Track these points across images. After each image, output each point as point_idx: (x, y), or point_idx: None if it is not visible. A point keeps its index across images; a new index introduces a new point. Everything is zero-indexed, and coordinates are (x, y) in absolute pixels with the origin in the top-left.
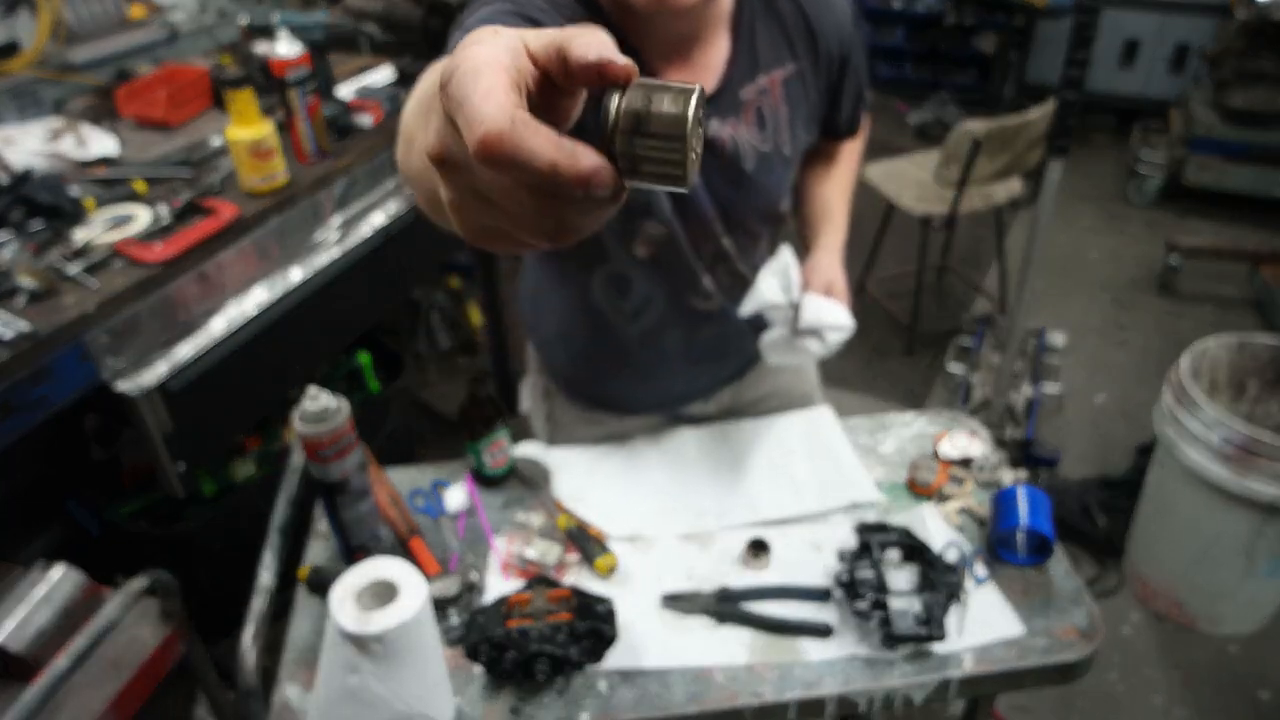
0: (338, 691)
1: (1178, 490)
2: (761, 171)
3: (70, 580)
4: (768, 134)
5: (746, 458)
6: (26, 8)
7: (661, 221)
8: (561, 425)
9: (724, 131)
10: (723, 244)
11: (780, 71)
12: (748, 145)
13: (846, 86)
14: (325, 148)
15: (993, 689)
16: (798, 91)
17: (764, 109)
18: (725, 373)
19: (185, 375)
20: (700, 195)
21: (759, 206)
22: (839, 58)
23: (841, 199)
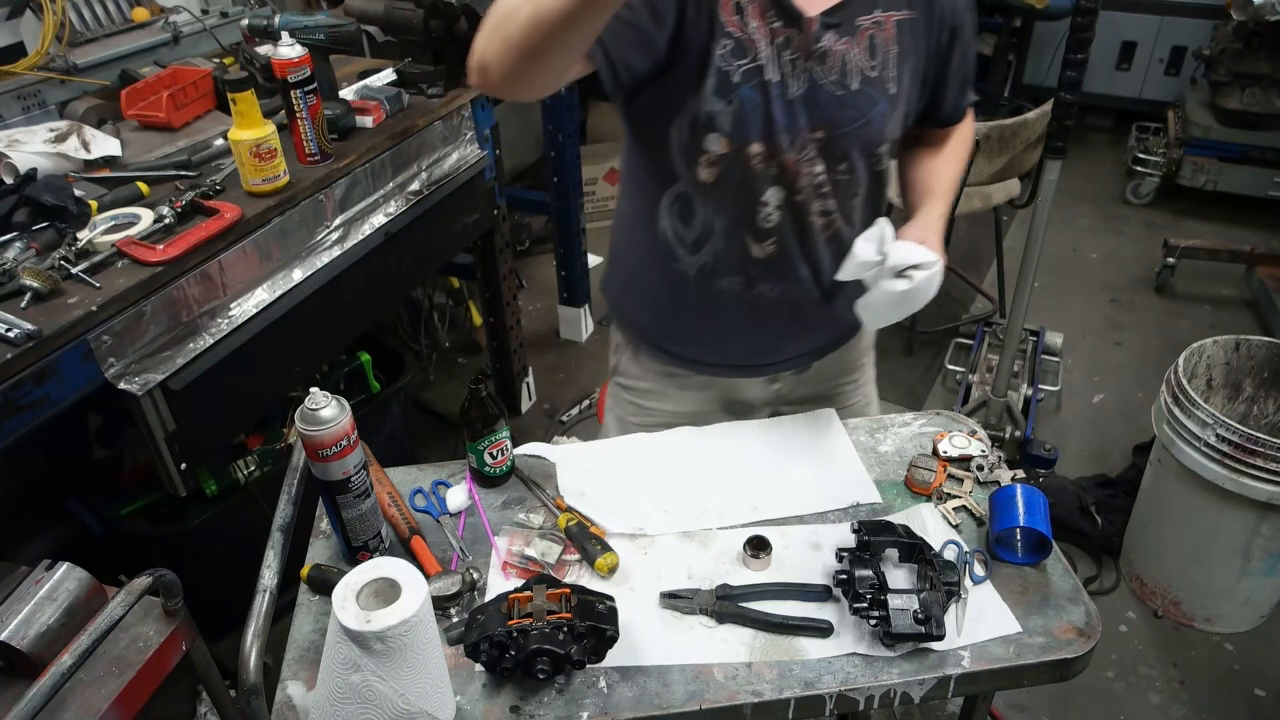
0: (339, 689)
1: (1175, 489)
2: (865, 95)
3: (74, 579)
4: (877, 63)
5: (747, 457)
6: (31, 10)
7: (724, 136)
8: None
9: (838, 46)
10: (813, 171)
11: (896, 14)
12: (856, 65)
13: (953, 62)
14: (326, 149)
15: (991, 687)
16: (909, 38)
17: (877, 40)
18: (785, 353)
19: (187, 375)
20: (799, 109)
21: (859, 136)
22: (950, 26)
23: (944, 179)
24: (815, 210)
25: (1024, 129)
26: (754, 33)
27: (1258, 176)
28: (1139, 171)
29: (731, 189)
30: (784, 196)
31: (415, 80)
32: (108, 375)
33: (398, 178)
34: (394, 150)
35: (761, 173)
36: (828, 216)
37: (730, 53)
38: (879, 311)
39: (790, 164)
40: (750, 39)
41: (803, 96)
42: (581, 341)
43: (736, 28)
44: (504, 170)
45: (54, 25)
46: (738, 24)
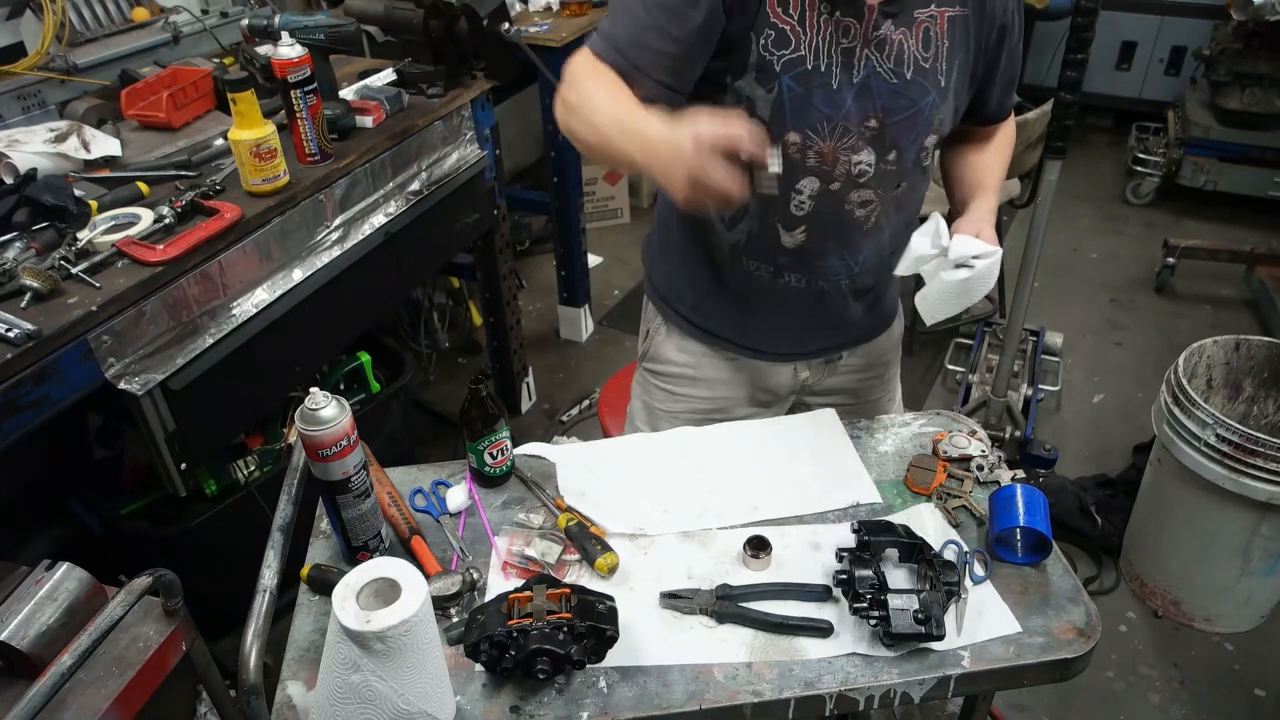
0: (339, 689)
1: (1175, 489)
2: (918, 85)
3: (74, 579)
4: (930, 55)
5: (748, 457)
6: (31, 10)
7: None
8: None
9: (895, 35)
10: (854, 160)
11: (949, 10)
12: (911, 54)
13: (1001, 62)
14: (326, 148)
15: (991, 687)
16: (960, 34)
17: (931, 33)
18: (813, 345)
19: (187, 375)
20: (849, 96)
21: (909, 124)
22: (1000, 25)
23: (990, 174)
24: (854, 200)
25: (1024, 129)
26: (800, 23)
27: (1258, 176)
28: (1139, 171)
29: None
30: (818, 186)
31: (415, 80)
32: (108, 375)
33: (398, 178)
34: (394, 150)
35: (797, 161)
36: (868, 207)
37: (772, 43)
38: (939, 304)
39: (828, 153)
40: (795, 29)
41: (857, 84)
42: (581, 341)
43: (780, 19)
44: (504, 170)
45: (54, 25)
46: (782, 15)
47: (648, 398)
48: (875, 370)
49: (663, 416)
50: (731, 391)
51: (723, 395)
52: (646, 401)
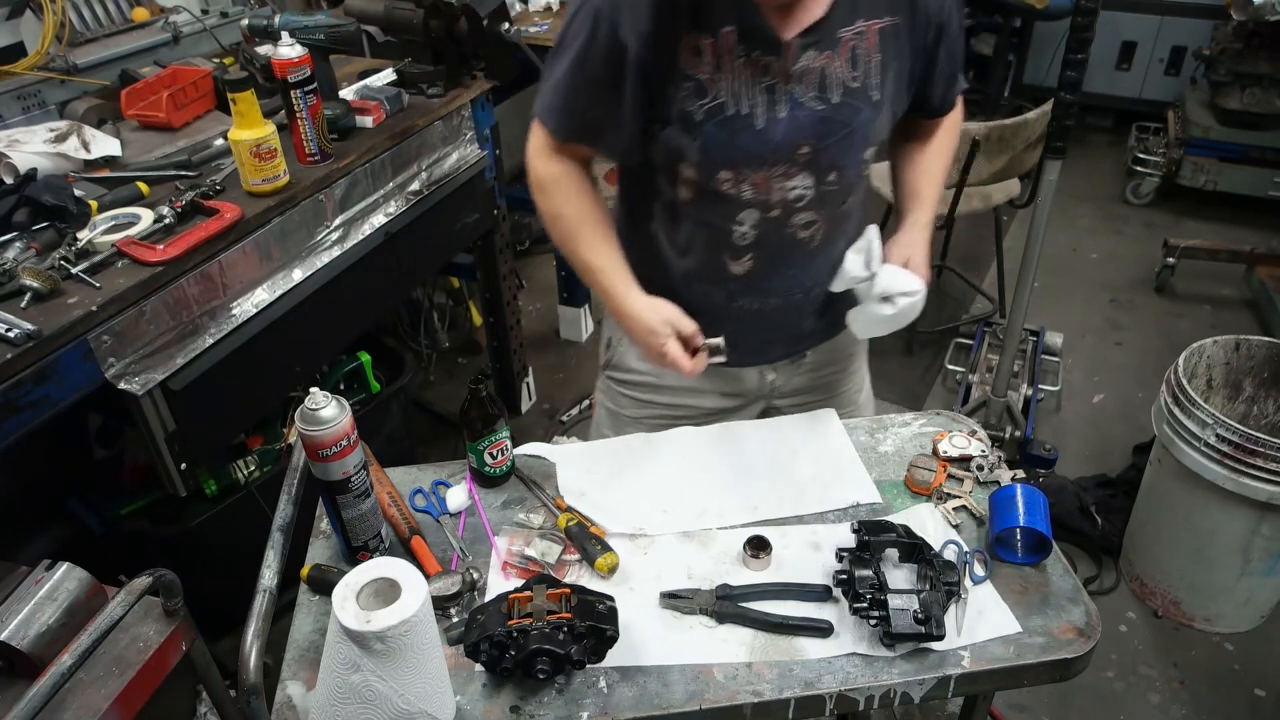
0: (339, 689)
1: (1175, 489)
2: (847, 106)
3: (74, 579)
4: (859, 74)
5: (748, 457)
6: (31, 10)
7: (693, 165)
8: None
9: (817, 63)
10: (790, 186)
11: (879, 22)
12: (836, 77)
13: (940, 58)
14: (326, 148)
15: (991, 687)
16: (893, 44)
17: (858, 50)
18: (776, 353)
19: (187, 374)
20: (777, 131)
21: (844, 146)
22: (936, 25)
23: (931, 178)
24: (795, 224)
25: (1024, 129)
26: (717, 70)
27: (1258, 176)
28: (1139, 171)
29: (708, 207)
30: (758, 216)
31: (415, 80)
32: (108, 375)
33: (398, 178)
34: (394, 150)
35: (734, 196)
36: (811, 228)
37: (691, 94)
38: (868, 325)
39: (762, 184)
40: (711, 77)
41: (784, 118)
42: (581, 341)
43: (696, 69)
44: (504, 170)
45: (54, 25)
46: (697, 65)
47: (613, 405)
48: (839, 364)
49: (628, 423)
50: (697, 398)
51: (688, 401)
52: (611, 409)
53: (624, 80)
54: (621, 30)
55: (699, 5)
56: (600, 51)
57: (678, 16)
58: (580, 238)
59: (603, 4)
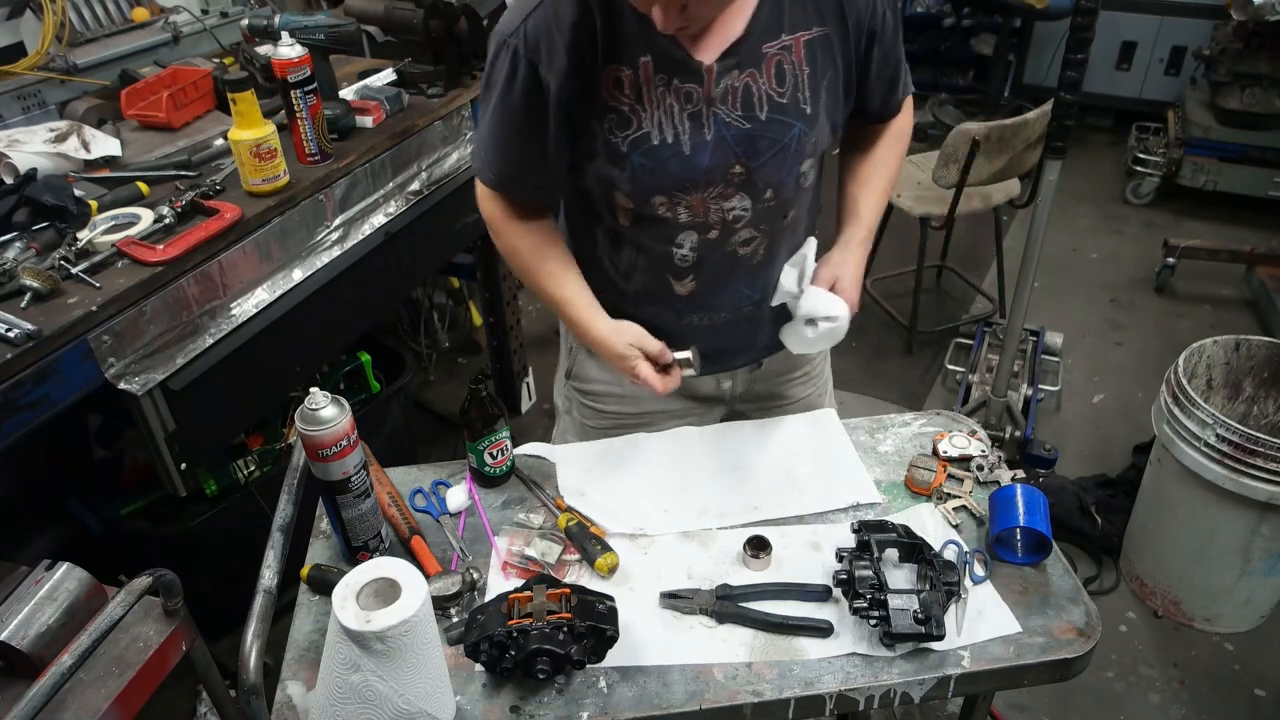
0: (339, 689)
1: (1174, 489)
2: (776, 122)
3: (74, 579)
4: (786, 88)
5: (748, 457)
6: (31, 10)
7: (625, 194)
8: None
9: (740, 81)
10: (727, 207)
11: (805, 34)
12: (762, 94)
13: (874, 64)
14: (326, 148)
15: (990, 687)
16: (824, 55)
17: (785, 64)
18: (732, 362)
19: (187, 374)
20: (706, 155)
21: (777, 163)
22: (866, 31)
23: (871, 188)
24: (736, 242)
25: (1024, 129)
26: (639, 100)
27: (1258, 176)
28: (1139, 171)
29: (646, 232)
30: (697, 238)
31: (415, 80)
32: (108, 375)
33: (398, 178)
34: (394, 150)
35: (671, 219)
36: (752, 244)
37: (615, 125)
38: (796, 343)
39: (698, 206)
40: (634, 108)
41: (711, 141)
42: None
43: (618, 101)
44: None
45: (54, 25)
46: (619, 97)
47: (575, 413)
48: (799, 368)
49: (590, 431)
50: (656, 404)
51: (648, 409)
52: (574, 417)
53: (548, 118)
54: (541, 68)
55: (615, 38)
56: (521, 92)
57: (595, 50)
58: (540, 271)
59: (519, 44)
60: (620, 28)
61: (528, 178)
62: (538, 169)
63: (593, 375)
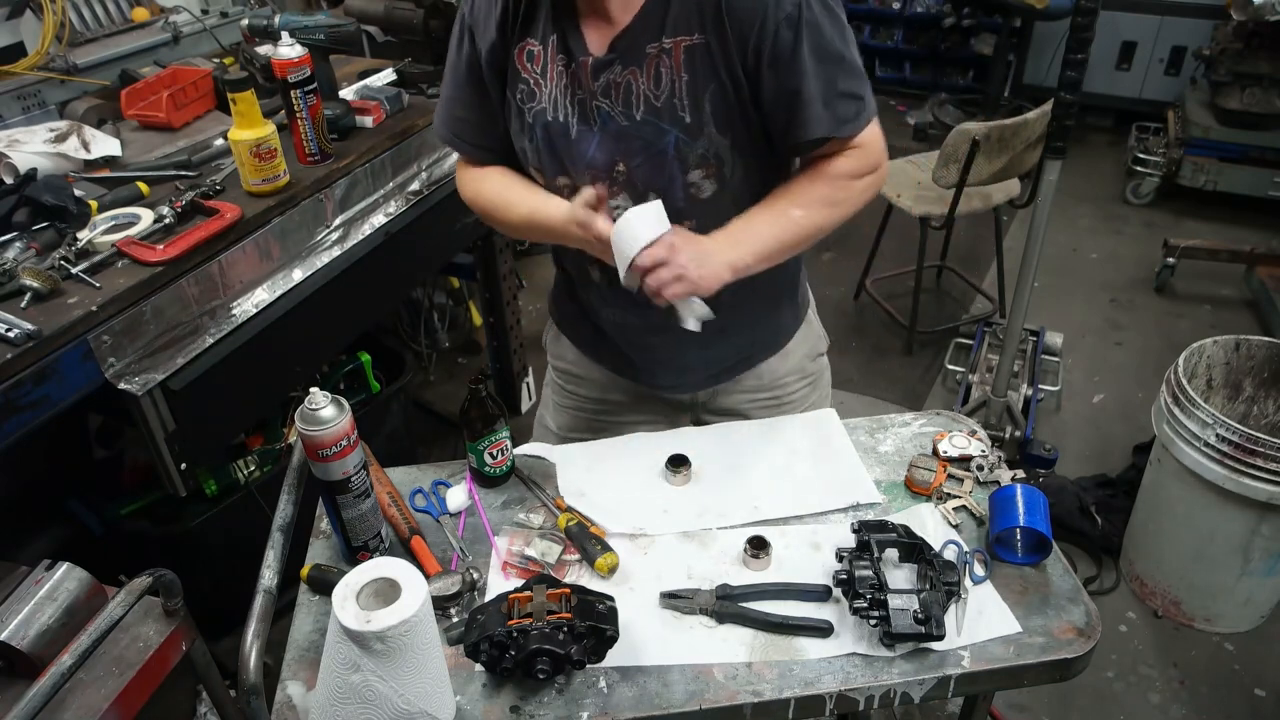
0: (339, 689)
1: (1174, 489)
2: (651, 125)
3: (74, 579)
4: (662, 91)
5: (749, 457)
6: (31, 10)
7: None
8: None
9: (622, 78)
10: (615, 204)
11: (685, 39)
12: (640, 95)
13: (764, 88)
14: (326, 148)
15: (991, 687)
16: (704, 64)
17: (663, 68)
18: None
19: (187, 374)
20: (590, 144)
21: (655, 165)
22: (753, 49)
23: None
24: None
25: (1024, 129)
26: (543, 75)
27: (1258, 176)
28: (1139, 171)
29: None
30: None
31: (415, 80)
32: (108, 375)
33: (398, 178)
34: (394, 150)
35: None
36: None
37: (524, 96)
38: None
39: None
40: (537, 81)
41: (596, 131)
42: None
43: (527, 71)
44: None
45: (54, 25)
46: (528, 68)
47: (550, 388)
48: (771, 392)
49: (557, 409)
50: (618, 395)
51: (609, 398)
52: (549, 391)
53: (483, 81)
54: (478, 37)
55: (530, 15)
56: (465, 58)
57: (514, 24)
58: (506, 201)
59: (466, 12)
60: (539, 4)
61: (470, 137)
62: (480, 131)
63: (562, 354)
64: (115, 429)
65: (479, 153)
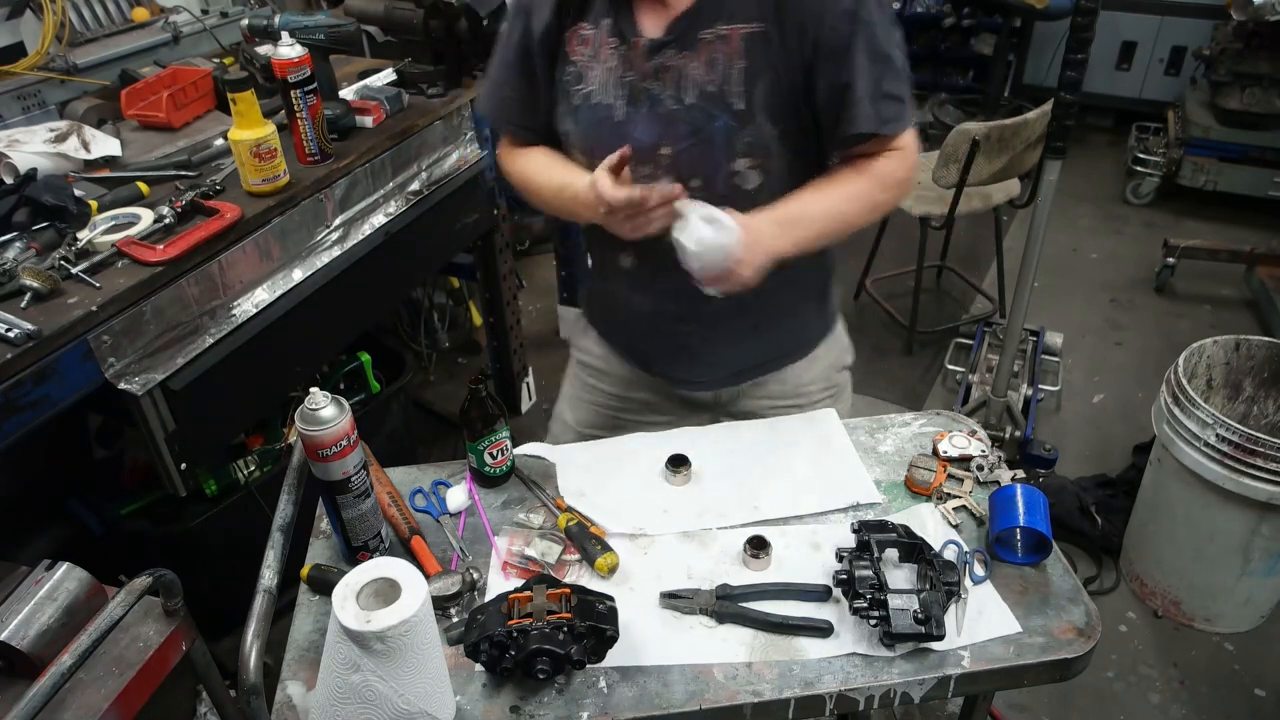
0: (339, 689)
1: (1174, 489)
2: (700, 110)
3: (74, 579)
4: (716, 78)
5: (748, 457)
6: (31, 10)
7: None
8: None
9: (676, 61)
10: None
11: (744, 27)
12: (691, 79)
13: (818, 79)
14: (326, 148)
15: (991, 687)
16: (761, 53)
17: (718, 54)
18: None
19: (187, 374)
20: (638, 127)
21: (701, 151)
22: (811, 41)
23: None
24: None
25: (1024, 129)
26: (593, 59)
27: (1258, 176)
28: (1139, 171)
29: None
30: None
31: (415, 80)
32: (108, 375)
33: (398, 178)
34: (394, 150)
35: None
36: None
37: (572, 79)
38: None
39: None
40: (587, 65)
41: (643, 114)
42: None
43: (577, 55)
44: None
45: (54, 25)
46: (579, 52)
47: (571, 382)
48: (793, 399)
49: (577, 402)
50: (639, 393)
51: (630, 396)
52: (570, 385)
53: (534, 65)
54: (533, 20)
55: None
56: (517, 40)
57: (570, 7)
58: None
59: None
60: None
61: (515, 117)
62: (525, 111)
63: (586, 347)
64: (115, 429)
65: (523, 133)
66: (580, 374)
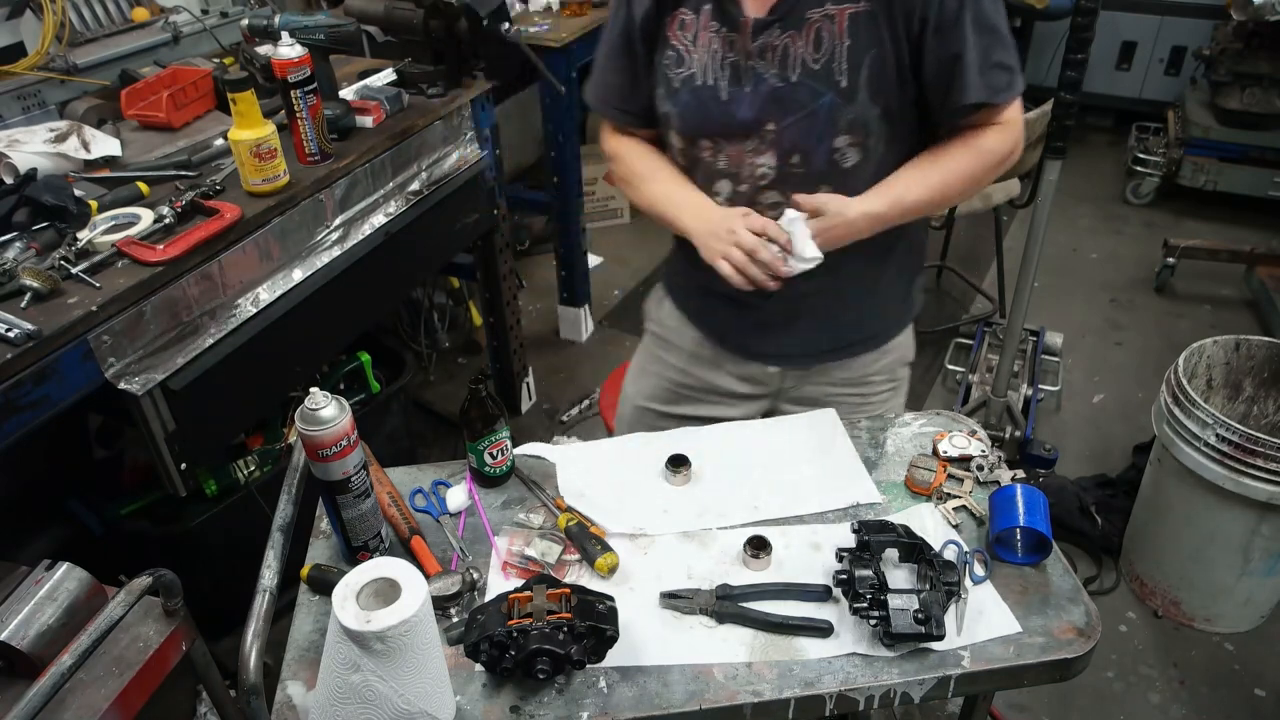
0: (339, 689)
1: (1174, 489)
2: (806, 87)
3: (74, 579)
4: (822, 56)
5: (749, 457)
6: (31, 10)
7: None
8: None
9: (780, 40)
10: (758, 163)
11: (850, 6)
12: (797, 57)
13: (926, 56)
14: (326, 148)
15: (991, 687)
16: (868, 30)
17: (824, 33)
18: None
19: (187, 374)
20: (743, 105)
21: (804, 127)
22: (920, 18)
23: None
24: (763, 202)
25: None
26: (693, 42)
27: (1258, 176)
28: (1139, 171)
29: (694, 175)
30: (730, 188)
31: (415, 80)
32: (108, 375)
33: (398, 178)
34: (394, 150)
35: (711, 164)
36: (778, 209)
37: (672, 62)
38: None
39: (735, 156)
40: (687, 49)
41: (748, 93)
42: (581, 341)
43: (677, 39)
44: (504, 170)
45: (54, 25)
46: (679, 36)
47: (640, 354)
48: (857, 388)
49: (642, 374)
50: (704, 371)
51: (694, 371)
52: (638, 357)
53: (635, 49)
54: (634, 7)
55: None
56: (620, 26)
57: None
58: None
59: None
60: None
61: (617, 102)
62: (626, 97)
63: (658, 317)
64: (115, 429)
65: (625, 118)
66: (650, 345)
